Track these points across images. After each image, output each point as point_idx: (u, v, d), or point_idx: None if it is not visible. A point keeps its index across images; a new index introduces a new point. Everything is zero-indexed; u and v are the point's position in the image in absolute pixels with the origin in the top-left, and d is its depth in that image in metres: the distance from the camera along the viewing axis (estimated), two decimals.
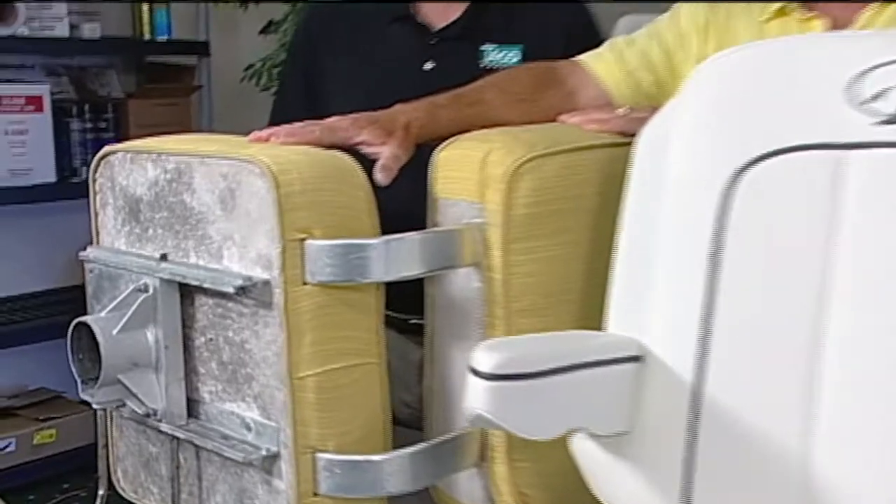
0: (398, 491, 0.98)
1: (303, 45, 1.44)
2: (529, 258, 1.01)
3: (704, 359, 0.82)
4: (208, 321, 1.00)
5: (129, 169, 1.05)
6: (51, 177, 2.65)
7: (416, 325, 1.12)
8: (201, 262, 0.99)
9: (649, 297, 0.86)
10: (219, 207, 0.97)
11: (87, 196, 1.11)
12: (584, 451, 0.86)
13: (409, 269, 0.99)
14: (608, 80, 1.16)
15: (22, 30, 2.68)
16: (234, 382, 0.99)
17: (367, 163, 1.02)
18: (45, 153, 2.68)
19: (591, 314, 1.01)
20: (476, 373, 0.76)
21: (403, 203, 1.05)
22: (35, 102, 2.70)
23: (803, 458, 0.79)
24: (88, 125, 2.93)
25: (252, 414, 0.98)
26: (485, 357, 0.76)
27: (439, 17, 1.36)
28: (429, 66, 1.33)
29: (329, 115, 1.42)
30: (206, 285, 0.95)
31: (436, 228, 1.02)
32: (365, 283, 0.96)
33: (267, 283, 0.93)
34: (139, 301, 0.97)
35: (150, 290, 0.98)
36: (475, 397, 0.76)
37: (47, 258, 2.86)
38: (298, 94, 1.43)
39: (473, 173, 1.01)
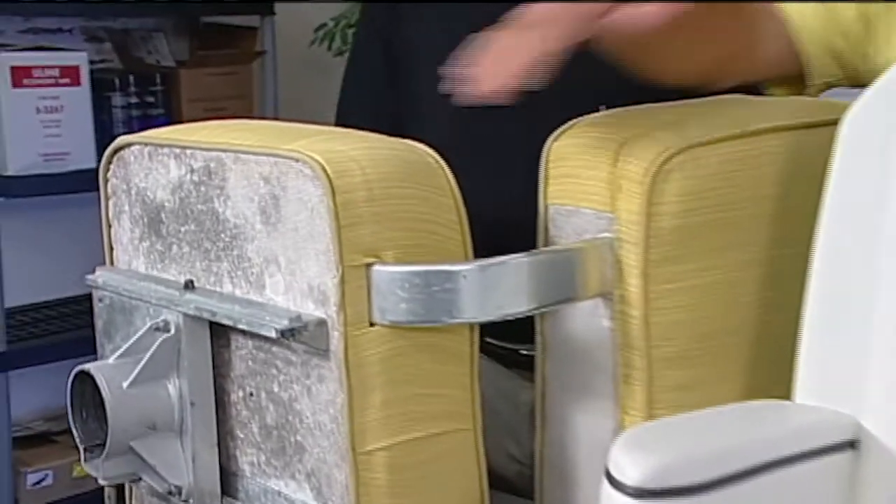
0: None
1: (380, 10, 1.31)
2: (680, 287, 0.85)
3: None
4: (248, 370, 0.88)
5: (147, 167, 0.94)
6: (90, 162, 2.57)
7: (529, 357, 0.99)
8: (238, 292, 0.87)
9: (868, 352, 0.69)
10: (259, 220, 0.84)
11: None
12: None
13: (513, 305, 0.84)
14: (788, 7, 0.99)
15: None
16: (281, 454, 0.86)
17: (459, 159, 0.88)
18: (83, 134, 2.62)
19: (768, 365, 0.87)
20: (617, 485, 0.61)
21: (509, 210, 0.94)
22: (71, 74, 2.64)
23: None
24: (133, 99, 2.89)
25: (304, 497, 0.85)
26: (630, 462, 0.61)
27: None
28: None
29: (416, 93, 1.32)
30: (240, 326, 0.83)
31: (550, 248, 0.87)
32: (455, 324, 0.83)
33: (321, 323, 0.80)
34: (158, 343, 0.86)
35: (172, 329, 0.86)
36: None
37: (88, 257, 2.83)
38: (377, 66, 1.30)
39: (602, 171, 0.86)
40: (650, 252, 0.85)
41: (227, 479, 0.91)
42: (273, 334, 0.79)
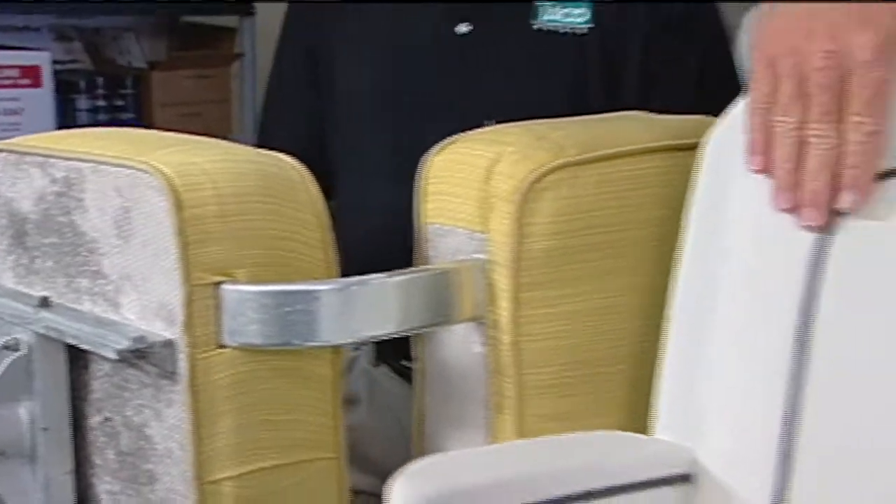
0: None
1: (302, 13, 1.34)
2: (552, 312, 0.86)
3: (787, 481, 0.66)
4: (105, 393, 0.89)
5: (13, 176, 0.95)
6: None
7: None
8: (97, 310, 0.88)
9: (707, 384, 0.70)
10: (114, 234, 0.85)
11: None
12: None
13: (376, 328, 0.85)
14: None
15: None
16: (134, 482, 0.87)
17: (311, 168, 0.89)
18: None
19: (647, 396, 0.85)
20: None
21: (395, 223, 0.95)
22: (31, 74, 2.68)
23: None
24: (101, 102, 2.91)
25: None
26: (404, 491, 0.61)
27: None
28: (463, 28, 1.20)
29: (335, 94, 1.35)
30: (82, 346, 0.84)
31: (416, 269, 0.88)
32: (312, 347, 0.84)
33: (168, 344, 0.81)
34: (7, 363, 0.87)
35: (25, 349, 0.87)
36: None
37: None
38: (297, 74, 1.34)
39: (475, 189, 0.87)
40: (521, 275, 0.86)
41: None
42: (112, 355, 0.80)
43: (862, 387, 0.66)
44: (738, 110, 0.76)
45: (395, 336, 0.86)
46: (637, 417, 0.87)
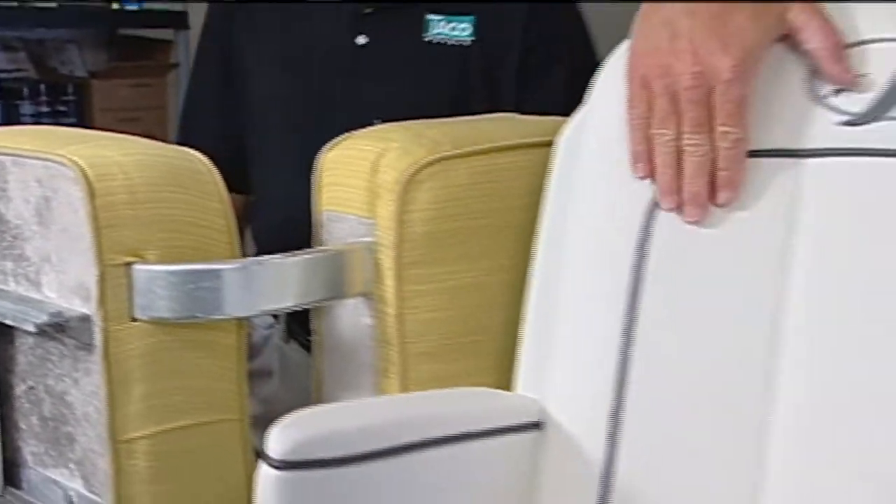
0: None
1: (218, 17, 1.35)
2: (431, 288, 0.88)
3: (617, 428, 0.70)
4: (29, 365, 0.90)
5: None
6: None
7: None
8: (20, 290, 0.89)
9: (555, 346, 0.73)
10: (35, 221, 0.86)
11: None
12: None
13: (276, 301, 0.88)
14: None
15: None
16: (56, 444, 0.88)
17: (229, 163, 0.91)
18: None
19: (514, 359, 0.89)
20: (266, 459, 0.64)
21: (300, 213, 0.96)
22: None
23: None
24: (44, 108, 2.88)
25: (76, 485, 0.87)
26: (278, 438, 0.64)
27: None
28: (361, 40, 1.23)
29: (247, 98, 1.36)
30: (6, 321, 0.85)
31: (311, 250, 0.90)
32: (217, 320, 0.85)
33: (84, 318, 0.82)
34: None
35: None
36: (263, 493, 0.64)
37: None
38: (213, 74, 1.34)
39: (363, 180, 0.89)
40: (403, 255, 0.88)
41: (11, 470, 0.93)
42: (32, 329, 0.81)
43: (681, 345, 0.70)
44: (582, 113, 0.80)
45: (292, 309, 0.88)
46: (508, 379, 0.91)
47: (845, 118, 0.67)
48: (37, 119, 2.81)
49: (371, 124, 0.97)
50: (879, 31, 0.68)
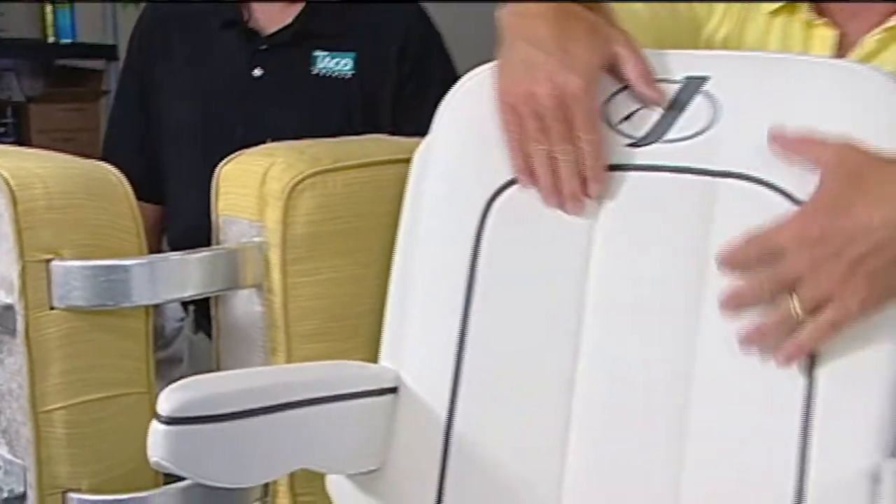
0: None
1: (137, 49, 1.36)
2: (312, 279, 0.92)
3: (456, 391, 0.75)
4: None
5: None
6: None
7: None
8: None
9: (408, 322, 0.79)
10: None
11: None
12: (336, 486, 0.79)
13: (179, 291, 0.90)
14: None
15: None
16: None
17: (145, 177, 0.94)
18: None
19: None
20: (156, 416, 0.68)
21: (207, 219, 0.99)
22: None
23: (556, 493, 0.73)
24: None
25: (1, 450, 0.88)
26: (166, 398, 0.68)
27: (271, 21, 1.28)
28: (257, 72, 1.26)
29: (162, 123, 1.38)
30: None
31: (209, 248, 0.93)
32: (126, 308, 0.88)
33: (9, 307, 0.84)
34: None
35: None
36: (153, 443, 0.68)
37: None
38: (132, 101, 1.36)
39: (254, 189, 0.93)
40: (288, 253, 0.92)
41: None
42: None
43: (507, 322, 0.75)
44: (430, 134, 0.85)
45: (192, 298, 0.91)
46: (377, 358, 0.95)
47: (630, 141, 0.74)
48: None
49: (263, 142, 1.00)
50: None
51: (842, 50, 0.87)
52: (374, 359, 0.93)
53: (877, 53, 0.86)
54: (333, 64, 1.25)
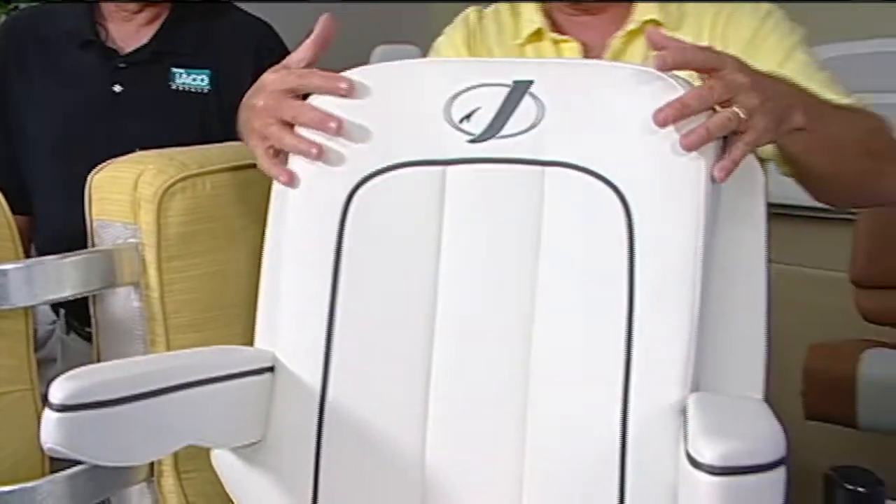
0: None
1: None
2: (186, 275, 0.92)
3: (328, 366, 0.77)
4: None
5: None
6: None
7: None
8: None
9: (280, 306, 0.80)
10: None
11: None
12: (221, 459, 0.79)
13: (57, 292, 0.88)
14: None
15: None
16: None
17: (10, 189, 0.90)
18: None
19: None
20: (49, 405, 0.67)
21: (73, 226, 0.96)
22: None
23: (420, 454, 0.76)
24: None
25: None
26: (58, 388, 0.67)
27: (128, 40, 1.24)
28: (117, 88, 1.22)
29: (23, 137, 1.31)
30: None
31: (85, 251, 0.91)
32: (5, 310, 0.84)
33: None
34: None
35: None
36: (46, 431, 0.67)
37: None
38: None
39: (127, 195, 0.91)
40: (162, 252, 0.91)
41: None
42: None
43: (371, 298, 0.77)
44: None
45: (71, 298, 0.89)
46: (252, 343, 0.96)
47: (470, 137, 0.78)
48: None
49: (132, 151, 0.98)
50: (486, 77, 0.79)
51: (588, 55, 0.98)
52: (248, 344, 0.93)
53: (622, 52, 0.97)
54: (191, 80, 1.23)
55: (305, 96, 0.84)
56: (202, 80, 1.23)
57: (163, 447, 0.74)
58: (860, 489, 0.66)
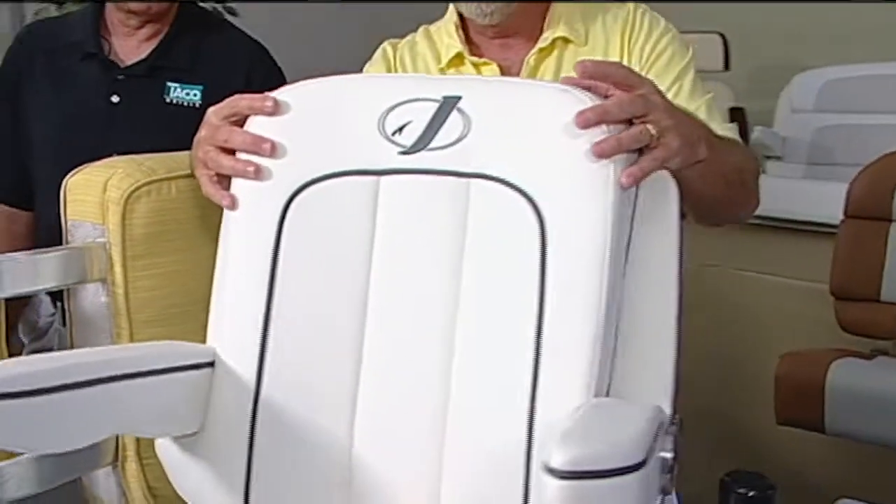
0: (21, 494, 0.87)
1: (8, 74, 1.30)
2: (150, 273, 0.91)
3: (262, 363, 0.76)
4: None
5: None
6: None
7: None
8: None
9: (223, 305, 0.79)
10: None
11: None
12: (163, 448, 0.78)
13: (26, 286, 0.88)
14: None
15: None
16: None
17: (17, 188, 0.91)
18: None
19: None
20: None
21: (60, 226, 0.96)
22: None
23: (347, 447, 0.74)
24: None
25: None
26: None
27: (129, 54, 1.25)
28: (115, 99, 1.23)
29: (30, 139, 1.32)
30: None
31: (56, 248, 0.91)
32: None
33: None
34: None
35: None
36: None
37: None
38: (4, 119, 1.29)
39: (96, 197, 0.91)
40: (128, 250, 0.91)
41: None
42: None
43: (307, 298, 0.76)
44: None
45: (42, 291, 0.89)
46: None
47: (402, 149, 0.77)
48: None
49: (109, 155, 0.98)
50: (418, 92, 0.77)
51: (506, 74, 0.98)
52: (201, 339, 0.93)
53: (536, 69, 0.98)
54: (184, 94, 1.23)
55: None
56: (195, 94, 1.23)
57: (90, 435, 0.72)
58: (751, 493, 0.63)
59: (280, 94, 0.80)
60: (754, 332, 1.98)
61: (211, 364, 0.77)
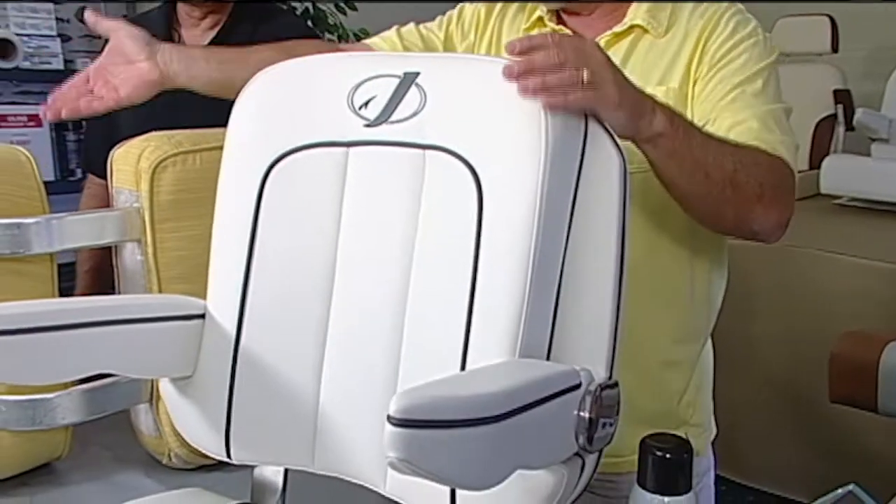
0: (67, 422, 0.89)
1: None
2: (176, 235, 0.90)
3: (242, 317, 0.73)
4: None
5: None
6: (51, 176, 2.55)
7: None
8: None
9: (213, 266, 0.76)
10: None
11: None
12: (164, 388, 0.77)
13: (74, 242, 0.89)
14: (383, 47, 0.94)
15: (24, 63, 2.59)
16: None
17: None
18: (45, 158, 2.59)
19: None
20: None
21: None
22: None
23: (315, 392, 0.70)
24: (82, 136, 2.85)
25: None
26: None
27: (195, 42, 1.23)
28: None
29: (119, 126, 1.27)
30: None
31: (97, 210, 0.92)
32: (31, 255, 0.87)
33: None
34: None
35: None
36: None
37: None
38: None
39: (132, 166, 0.91)
40: (156, 215, 0.90)
41: None
42: None
43: (282, 260, 0.72)
44: (232, 115, 0.81)
45: (86, 248, 0.90)
46: None
47: (367, 122, 0.69)
48: (78, 143, 2.78)
49: (148, 131, 0.97)
50: (383, 68, 0.70)
51: None
52: None
53: (606, 50, 0.81)
54: None
55: None
56: None
57: (73, 373, 0.71)
58: (667, 455, 0.54)
59: (263, 74, 0.76)
60: (830, 312, 1.75)
61: (202, 316, 0.75)
